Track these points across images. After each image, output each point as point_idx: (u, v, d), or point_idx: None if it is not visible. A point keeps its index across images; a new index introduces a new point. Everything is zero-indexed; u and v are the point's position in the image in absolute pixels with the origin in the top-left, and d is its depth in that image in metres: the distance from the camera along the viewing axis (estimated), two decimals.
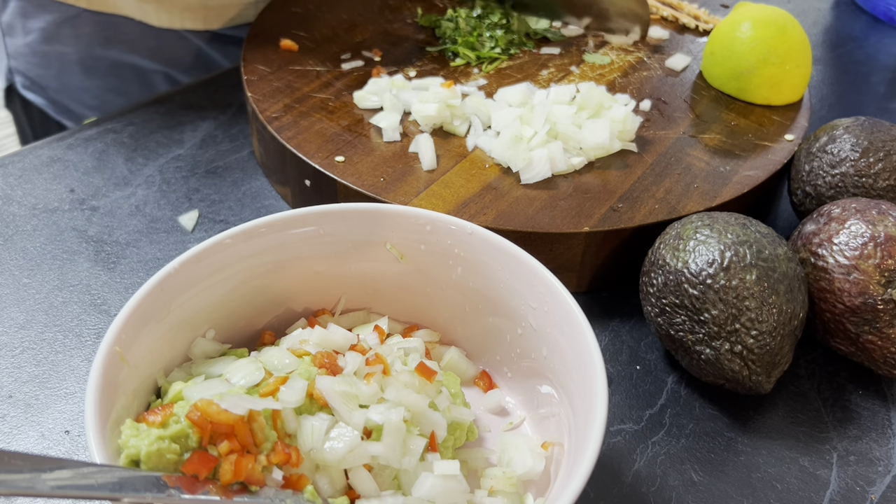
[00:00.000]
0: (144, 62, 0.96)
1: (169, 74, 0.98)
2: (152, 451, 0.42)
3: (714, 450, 0.57)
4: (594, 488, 0.53)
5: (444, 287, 0.57)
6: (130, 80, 0.98)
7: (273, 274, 0.55)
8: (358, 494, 0.47)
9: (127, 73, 0.97)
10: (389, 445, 0.46)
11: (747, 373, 0.55)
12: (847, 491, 0.55)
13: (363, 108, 0.76)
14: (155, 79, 0.99)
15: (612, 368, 0.62)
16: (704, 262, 0.56)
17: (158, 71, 0.98)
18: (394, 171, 0.68)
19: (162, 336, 0.50)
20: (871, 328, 0.57)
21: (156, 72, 0.98)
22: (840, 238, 0.58)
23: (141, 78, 0.98)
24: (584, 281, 0.67)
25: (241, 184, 0.76)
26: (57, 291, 0.65)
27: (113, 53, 0.95)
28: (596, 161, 0.71)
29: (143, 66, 0.97)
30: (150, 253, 0.68)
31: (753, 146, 0.74)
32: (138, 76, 0.98)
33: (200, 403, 0.43)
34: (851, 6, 1.15)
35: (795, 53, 0.77)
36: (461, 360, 0.58)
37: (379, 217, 0.55)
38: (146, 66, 0.97)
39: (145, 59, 0.96)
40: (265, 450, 0.44)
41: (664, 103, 0.79)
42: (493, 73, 0.82)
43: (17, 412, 0.56)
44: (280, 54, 0.82)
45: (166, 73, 0.98)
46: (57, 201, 0.73)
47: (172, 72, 0.98)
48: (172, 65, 0.98)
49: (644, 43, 0.89)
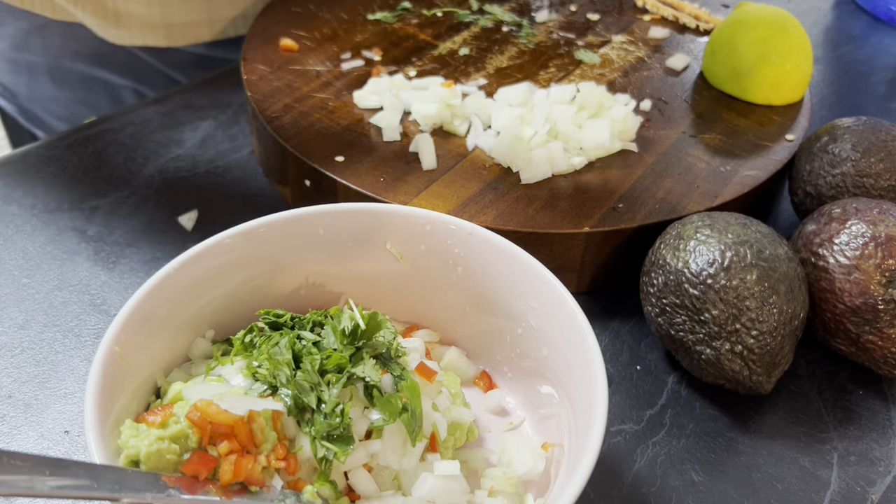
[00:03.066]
0: (112, 77, 0.95)
1: (138, 90, 0.97)
2: (152, 452, 0.42)
3: (714, 450, 0.57)
4: (594, 488, 0.53)
5: (444, 287, 0.57)
6: (99, 93, 0.97)
7: (273, 274, 0.55)
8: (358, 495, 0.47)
9: (95, 87, 0.96)
10: (389, 445, 0.46)
11: (748, 373, 0.55)
12: (847, 491, 0.55)
13: (363, 108, 0.75)
14: (123, 93, 0.97)
15: (613, 368, 0.62)
16: (705, 261, 0.56)
17: (126, 86, 0.97)
18: (394, 171, 0.68)
19: (162, 336, 0.50)
20: (872, 328, 0.57)
21: (124, 87, 0.97)
22: (841, 238, 0.58)
23: (109, 92, 0.97)
24: (584, 281, 0.67)
25: (241, 184, 0.76)
26: (56, 291, 0.65)
27: (81, 66, 0.94)
28: (596, 161, 0.71)
29: (110, 80, 0.96)
30: (150, 253, 0.68)
31: (754, 146, 0.74)
32: (106, 90, 0.97)
33: (200, 404, 0.43)
34: (852, 6, 1.15)
35: (796, 53, 0.77)
36: (461, 360, 0.58)
37: (379, 217, 0.55)
38: (114, 81, 0.96)
39: (113, 73, 0.95)
40: (265, 450, 0.44)
41: (664, 103, 0.79)
42: (493, 73, 0.82)
43: (16, 412, 0.56)
44: (280, 54, 0.82)
45: (135, 88, 0.97)
46: (56, 201, 0.73)
47: (142, 88, 0.97)
48: (142, 81, 0.96)
49: (644, 42, 0.89)
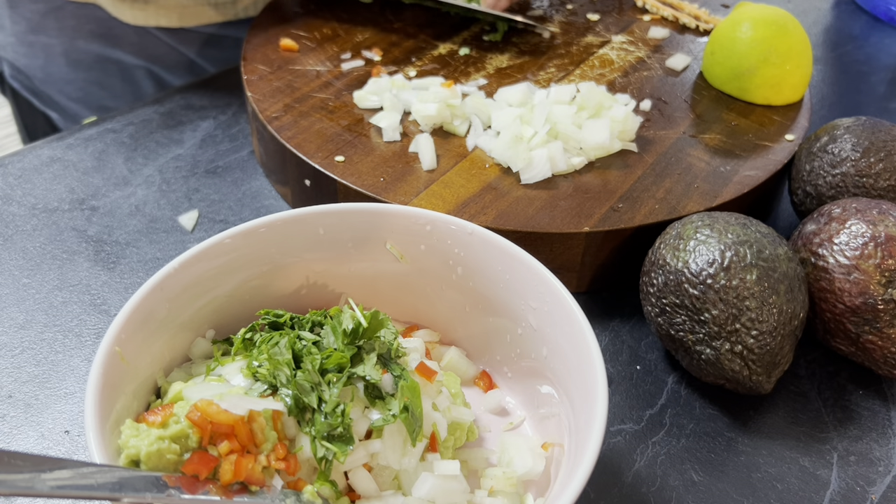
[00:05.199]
0: (127, 57, 0.97)
1: (152, 71, 0.98)
2: (152, 452, 0.42)
3: (714, 450, 0.57)
4: (594, 488, 0.53)
5: (444, 287, 0.57)
6: (113, 74, 0.98)
7: (273, 274, 0.55)
8: (358, 495, 0.47)
9: (110, 68, 0.98)
10: (389, 445, 0.46)
11: (747, 373, 0.55)
12: (847, 491, 0.55)
13: (363, 108, 0.76)
14: (137, 74, 0.99)
15: (612, 368, 0.62)
16: (705, 261, 0.56)
17: (141, 67, 0.98)
18: (394, 171, 0.68)
19: (162, 336, 0.50)
20: (872, 328, 0.57)
21: (138, 67, 0.98)
22: (840, 238, 0.58)
23: (124, 73, 0.98)
24: (584, 281, 0.67)
25: (241, 184, 0.76)
26: (57, 291, 0.65)
27: (96, 47, 0.96)
28: (596, 161, 0.71)
29: (126, 61, 0.97)
30: (150, 253, 0.68)
31: (754, 146, 0.74)
32: (121, 71, 0.98)
33: (200, 404, 0.43)
34: (852, 6, 1.15)
35: (796, 53, 0.77)
36: (461, 360, 0.58)
37: (379, 217, 0.55)
38: (129, 62, 0.97)
39: (128, 54, 0.96)
40: (265, 450, 0.44)
41: (664, 103, 0.79)
42: (493, 73, 0.82)
43: (17, 412, 0.56)
44: (280, 54, 0.82)
45: (149, 69, 0.98)
46: (57, 201, 0.73)
47: (155, 68, 0.98)
48: (155, 61, 0.98)
49: (644, 42, 0.89)
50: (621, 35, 0.90)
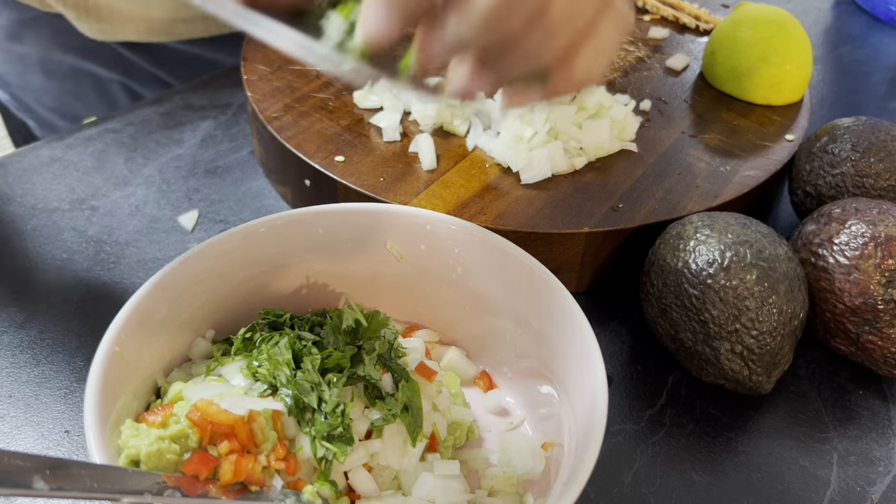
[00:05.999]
0: (101, 70, 0.96)
1: (126, 85, 0.98)
2: (152, 452, 0.42)
3: (714, 450, 0.57)
4: (594, 488, 0.53)
5: (444, 287, 0.57)
6: (87, 85, 0.97)
7: (273, 274, 0.55)
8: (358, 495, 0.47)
9: (84, 79, 0.97)
10: (389, 445, 0.46)
11: (747, 373, 0.55)
12: (847, 491, 0.55)
13: (363, 108, 0.75)
14: (112, 87, 0.98)
15: (612, 368, 0.62)
16: (705, 262, 0.56)
17: (114, 80, 0.97)
18: (394, 171, 0.68)
19: (162, 336, 0.50)
20: (872, 328, 0.57)
21: (112, 81, 0.97)
22: (840, 238, 0.58)
23: (97, 85, 0.98)
24: (584, 281, 0.67)
25: (241, 184, 0.76)
26: (56, 291, 0.65)
27: (70, 59, 0.95)
28: (596, 161, 0.71)
29: (99, 73, 0.96)
30: (150, 253, 0.68)
31: (754, 146, 0.74)
32: (95, 83, 0.97)
33: (200, 404, 0.43)
34: (851, 6, 1.15)
35: (796, 53, 0.77)
36: (461, 360, 0.58)
37: (379, 217, 0.55)
38: (103, 75, 0.96)
39: (101, 67, 0.96)
40: (265, 450, 0.44)
41: (664, 103, 0.79)
42: None
43: (16, 412, 0.56)
44: (280, 54, 0.81)
45: (123, 83, 0.97)
46: (56, 201, 0.73)
47: (129, 82, 0.98)
48: (128, 75, 0.97)
49: (644, 42, 0.89)
50: None
